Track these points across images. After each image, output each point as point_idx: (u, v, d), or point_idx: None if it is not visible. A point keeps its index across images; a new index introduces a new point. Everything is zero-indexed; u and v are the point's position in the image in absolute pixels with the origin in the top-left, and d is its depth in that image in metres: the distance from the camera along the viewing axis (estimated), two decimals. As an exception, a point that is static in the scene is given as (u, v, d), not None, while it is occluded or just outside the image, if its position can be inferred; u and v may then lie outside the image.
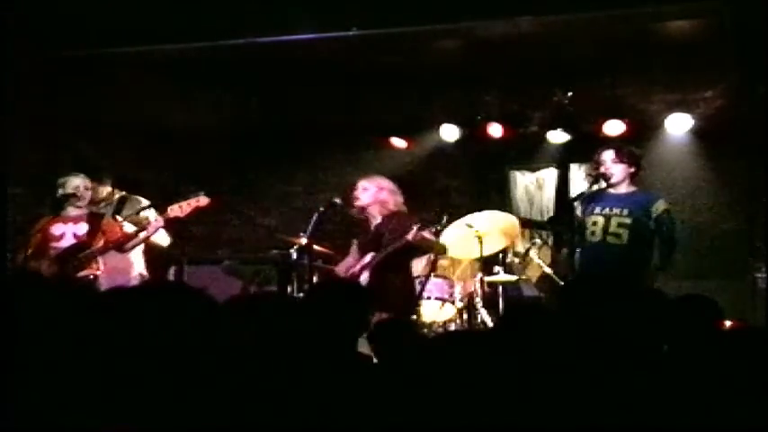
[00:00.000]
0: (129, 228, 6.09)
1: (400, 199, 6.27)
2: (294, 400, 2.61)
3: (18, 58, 6.60)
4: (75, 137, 7.92)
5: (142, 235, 6.10)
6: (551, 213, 8.62)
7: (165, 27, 6.52)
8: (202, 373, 2.45)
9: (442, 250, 6.51)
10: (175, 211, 5.96)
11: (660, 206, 5.72)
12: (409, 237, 5.86)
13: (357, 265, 6.14)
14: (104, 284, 5.90)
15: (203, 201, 5.99)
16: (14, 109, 6.79)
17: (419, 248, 6.17)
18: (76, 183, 6.32)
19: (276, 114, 8.49)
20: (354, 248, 6.34)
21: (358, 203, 6.19)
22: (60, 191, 6.29)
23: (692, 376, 2.78)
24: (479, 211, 6.97)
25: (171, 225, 6.13)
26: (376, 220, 6.23)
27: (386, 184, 6.27)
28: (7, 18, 6.13)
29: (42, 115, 7.63)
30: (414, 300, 6.32)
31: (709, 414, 2.60)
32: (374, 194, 6.17)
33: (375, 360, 3.65)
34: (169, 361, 2.43)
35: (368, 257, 6.11)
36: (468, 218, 6.80)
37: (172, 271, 7.64)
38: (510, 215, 7.36)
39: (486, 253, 6.79)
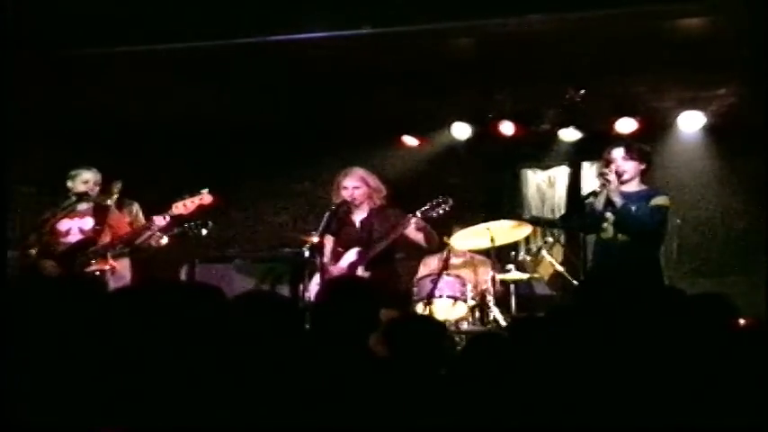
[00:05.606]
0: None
1: (384, 191, 6.29)
2: (306, 398, 2.61)
3: (20, 58, 6.60)
4: (80, 136, 7.93)
5: (149, 232, 6.14)
6: (563, 211, 8.59)
7: (168, 26, 6.51)
8: (208, 372, 2.45)
9: (436, 246, 6.52)
10: (180, 208, 5.98)
11: (659, 201, 5.70)
12: (410, 223, 5.90)
13: (344, 262, 6.13)
14: (112, 282, 5.93)
15: (207, 199, 6.01)
16: (19, 109, 6.79)
17: (411, 242, 6.18)
18: (87, 176, 6.33)
19: (288, 113, 8.48)
20: (330, 241, 6.27)
21: (353, 201, 6.18)
22: (70, 183, 6.29)
23: (707, 374, 2.77)
24: (490, 210, 6.93)
25: (175, 222, 6.14)
26: (361, 214, 6.25)
27: (369, 177, 6.29)
28: (8, 18, 6.13)
29: (48, 115, 7.64)
30: (401, 293, 6.34)
31: (723, 412, 2.59)
32: (364, 190, 6.20)
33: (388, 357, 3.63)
34: (174, 359, 2.43)
35: (353, 253, 6.12)
36: (483, 225, 6.82)
37: (184, 270, 7.65)
38: (522, 223, 7.30)
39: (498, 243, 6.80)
